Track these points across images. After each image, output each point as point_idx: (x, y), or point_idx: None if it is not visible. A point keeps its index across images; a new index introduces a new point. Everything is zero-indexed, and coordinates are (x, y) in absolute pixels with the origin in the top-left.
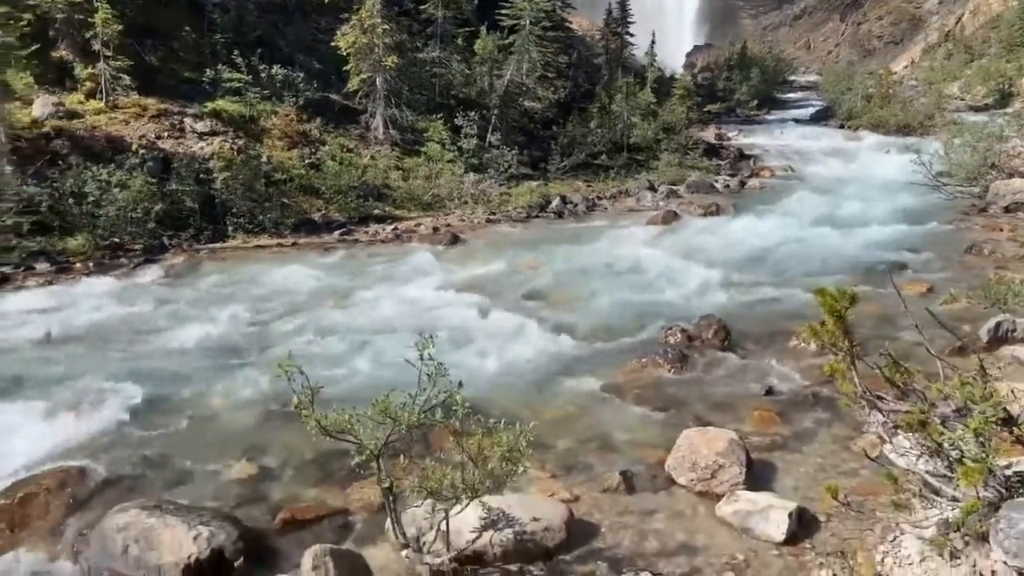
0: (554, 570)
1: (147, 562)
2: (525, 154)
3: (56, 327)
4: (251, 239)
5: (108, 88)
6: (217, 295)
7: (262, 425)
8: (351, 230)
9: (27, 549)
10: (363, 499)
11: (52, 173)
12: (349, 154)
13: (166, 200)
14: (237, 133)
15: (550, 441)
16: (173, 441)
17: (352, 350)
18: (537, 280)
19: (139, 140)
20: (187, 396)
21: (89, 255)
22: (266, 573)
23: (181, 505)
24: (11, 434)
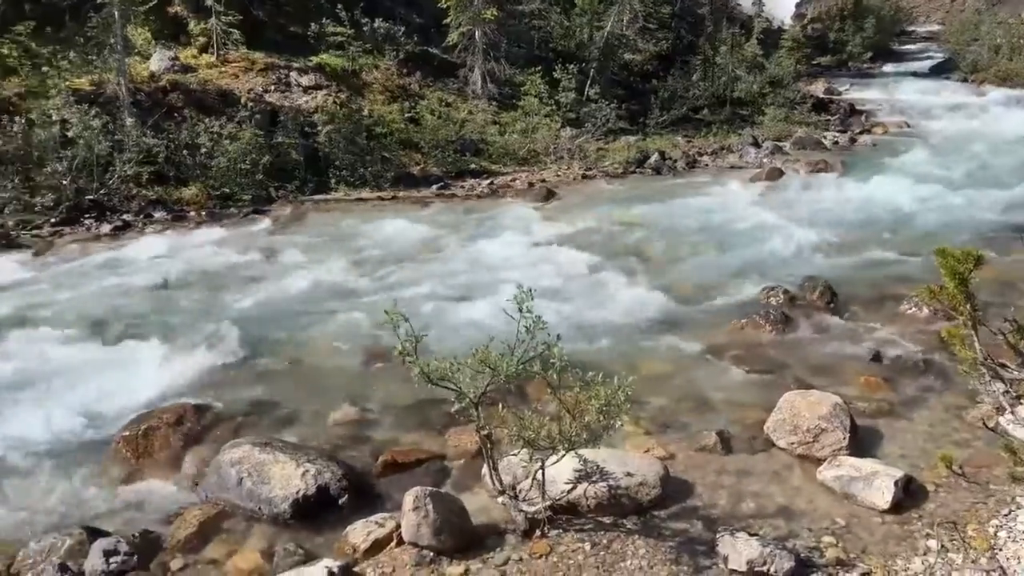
0: (648, 525)
1: (259, 495)
2: (623, 108)
3: (173, 273)
4: (352, 192)
5: (219, 43)
6: (320, 245)
7: (363, 371)
8: (448, 184)
9: (151, 477)
10: (459, 446)
11: (168, 125)
12: (447, 108)
13: (273, 152)
14: (340, 87)
15: (645, 398)
16: (280, 383)
17: (448, 302)
18: (634, 236)
19: (248, 94)
20: (293, 341)
21: (202, 205)
22: (368, 511)
23: (289, 443)
24: (135, 372)
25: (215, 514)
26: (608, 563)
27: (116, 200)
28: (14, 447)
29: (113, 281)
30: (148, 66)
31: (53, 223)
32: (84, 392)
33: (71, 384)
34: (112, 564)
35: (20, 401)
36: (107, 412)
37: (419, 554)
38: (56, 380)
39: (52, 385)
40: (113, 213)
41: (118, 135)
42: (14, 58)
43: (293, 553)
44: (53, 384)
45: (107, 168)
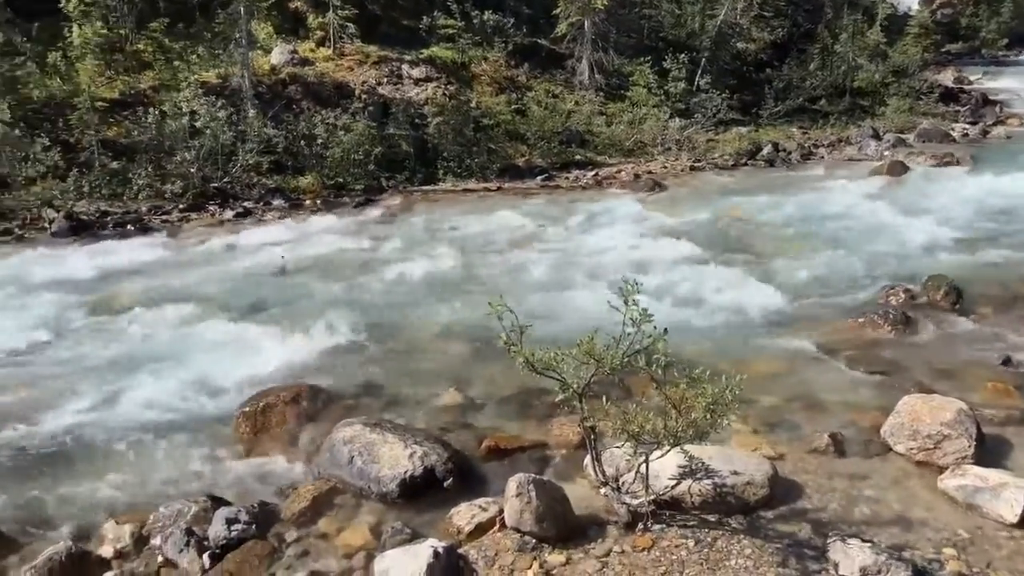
0: (754, 525)
1: (368, 473)
2: (735, 98)
3: (290, 258)
4: (459, 183)
5: (335, 36)
6: (428, 235)
7: (468, 358)
8: (552, 176)
9: (268, 451)
10: (561, 436)
11: (287, 117)
12: (554, 100)
13: (384, 143)
14: (449, 79)
15: (754, 396)
16: (389, 366)
17: (552, 293)
18: (744, 230)
19: (361, 86)
20: (401, 327)
21: (317, 193)
22: (471, 494)
23: (398, 424)
24: (255, 351)
25: (327, 490)
26: (712, 561)
27: (238, 188)
28: (145, 418)
29: (235, 265)
30: (269, 59)
31: (181, 209)
32: (208, 368)
33: (197, 360)
34: (233, 532)
35: (151, 375)
36: (228, 388)
37: (521, 540)
38: (184, 356)
39: (180, 361)
40: (235, 200)
41: (241, 126)
42: (149, 53)
43: (400, 531)
44: (181, 360)
45: (230, 157)
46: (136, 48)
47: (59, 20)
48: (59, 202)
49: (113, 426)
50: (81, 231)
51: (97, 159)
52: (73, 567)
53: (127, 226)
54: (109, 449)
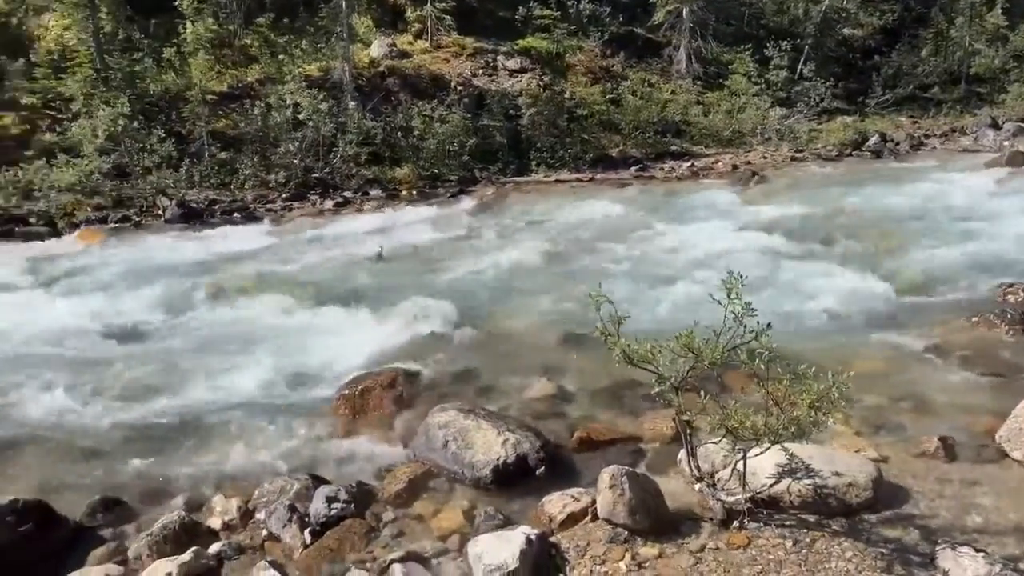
0: (856, 528)
1: (462, 458)
2: (840, 87)
3: (386, 247)
4: (552, 173)
5: (432, 29)
6: (521, 225)
7: (560, 348)
8: (647, 166)
9: (365, 433)
10: (654, 429)
11: (385, 109)
12: (649, 89)
13: (478, 135)
14: (544, 70)
15: (857, 396)
16: (482, 355)
17: (645, 284)
18: (849, 223)
19: (457, 78)
20: (494, 315)
21: (413, 184)
22: (563, 484)
23: (491, 412)
24: (353, 336)
25: (422, 473)
26: (811, 563)
27: (338, 178)
28: (250, 397)
29: (335, 252)
30: (369, 53)
31: (284, 198)
32: (309, 351)
33: (299, 344)
34: (333, 509)
35: (256, 356)
36: (328, 371)
37: (613, 531)
38: (286, 339)
39: (283, 344)
40: (335, 190)
41: (341, 118)
42: (255, 48)
43: (493, 517)
44: (284, 343)
45: (331, 149)
46: (243, 43)
47: (174, 17)
48: (172, 191)
49: (221, 404)
50: (192, 218)
51: (207, 150)
52: (185, 535)
53: (234, 214)
54: (217, 426)
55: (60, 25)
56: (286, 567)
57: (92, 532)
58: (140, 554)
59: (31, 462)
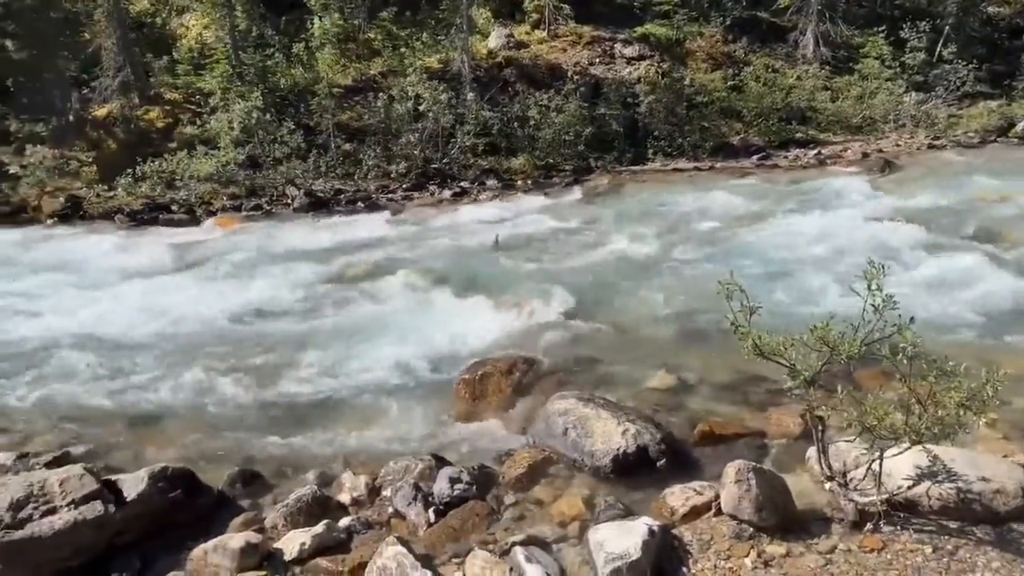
0: (1004, 538)
1: (582, 446)
2: (984, 69)
3: (503, 236)
4: (669, 162)
5: (550, 18)
6: (637, 215)
7: (679, 339)
8: (769, 154)
9: (485, 418)
10: (780, 425)
11: (502, 99)
12: (773, 74)
13: (594, 124)
14: (662, 57)
15: (1004, 397)
16: (599, 343)
17: (768, 276)
18: (992, 215)
19: (573, 67)
20: (611, 304)
21: (528, 174)
22: (684, 477)
23: (610, 401)
24: (471, 322)
25: (541, 459)
26: (953, 571)
27: (455, 169)
28: (376, 378)
29: (453, 241)
30: (487, 44)
31: (404, 188)
32: (430, 336)
33: (420, 328)
34: (456, 490)
35: (380, 339)
36: (448, 355)
37: (738, 527)
38: (408, 324)
39: (405, 328)
40: (452, 180)
41: (460, 109)
42: (378, 41)
43: (613, 506)
44: (406, 327)
45: (449, 139)
46: (367, 37)
47: (303, 13)
48: (300, 180)
49: (347, 384)
50: (318, 207)
51: (333, 141)
52: (318, 508)
53: (357, 203)
54: (344, 405)
55: (200, 24)
56: (412, 544)
57: (232, 501)
58: (276, 524)
59: (176, 433)
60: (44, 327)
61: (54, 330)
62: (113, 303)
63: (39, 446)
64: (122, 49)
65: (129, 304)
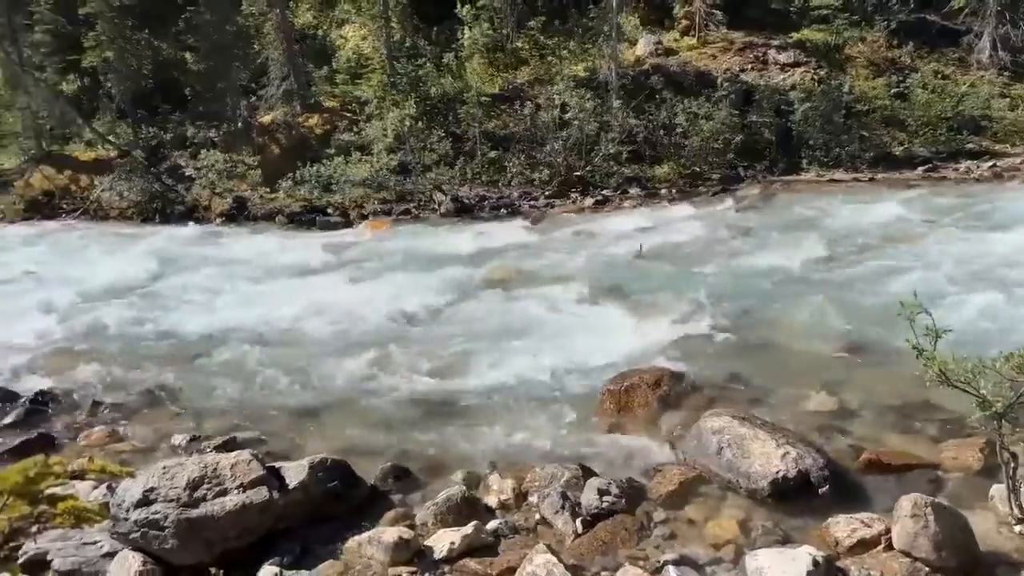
0: None
1: (737, 467)
2: None
3: (646, 245)
4: (825, 172)
5: (701, 24)
6: (789, 226)
7: (839, 360)
8: (937, 166)
9: (631, 431)
10: (958, 459)
11: (648, 107)
12: (943, 81)
13: (744, 132)
14: (819, 63)
15: None
16: (751, 360)
17: (937, 296)
18: None
19: (723, 73)
20: (763, 320)
21: (673, 182)
22: (847, 506)
23: (767, 421)
24: (615, 332)
25: (693, 477)
26: None
27: (598, 176)
28: (520, 383)
29: (594, 249)
30: (634, 51)
31: (547, 195)
32: (573, 344)
33: (563, 335)
34: (604, 502)
35: (524, 345)
36: (591, 365)
37: (912, 565)
38: (551, 331)
39: (548, 335)
40: (595, 188)
41: (605, 116)
42: (526, 50)
43: (771, 531)
44: (549, 334)
45: (593, 147)
46: (515, 46)
47: (454, 24)
48: (447, 186)
49: (493, 387)
50: (463, 212)
51: (479, 148)
52: (466, 509)
53: (500, 209)
54: (490, 407)
55: (357, 35)
56: (560, 553)
57: (384, 495)
58: (426, 521)
59: (333, 425)
60: (215, 319)
61: (223, 322)
62: (276, 299)
63: (209, 430)
64: (287, 60)
65: (290, 301)
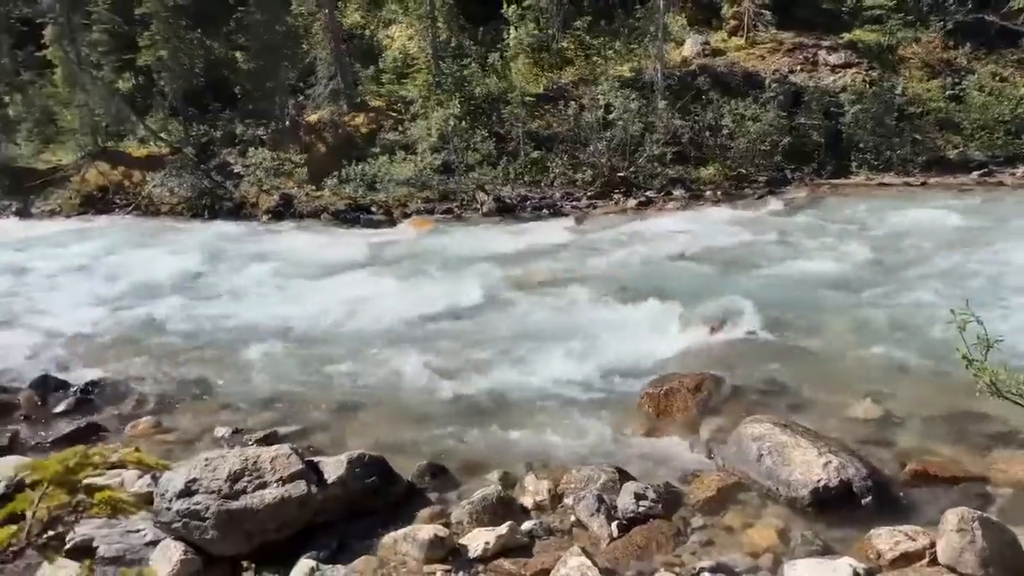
0: None
1: (778, 475)
2: None
3: (689, 247)
4: (875, 176)
5: (749, 24)
6: (837, 231)
7: (885, 368)
8: (993, 171)
9: (669, 435)
10: (1008, 473)
11: (694, 107)
12: (1001, 84)
13: (792, 133)
14: (871, 64)
15: None
16: (794, 366)
17: (989, 305)
18: None
19: (772, 74)
20: (806, 326)
21: (717, 184)
22: (890, 518)
23: (808, 429)
24: (656, 334)
25: (732, 483)
26: None
27: (641, 177)
28: (557, 384)
29: (635, 250)
30: (681, 51)
31: (589, 196)
32: (611, 346)
33: (601, 337)
34: (640, 506)
35: (562, 346)
36: (630, 367)
37: None
38: (589, 332)
39: (587, 337)
40: (638, 189)
41: (650, 117)
42: (571, 50)
43: (811, 542)
44: (587, 336)
45: (637, 148)
46: (560, 46)
47: (499, 24)
48: (489, 186)
49: (530, 387)
50: (505, 212)
51: (522, 148)
52: (501, 509)
53: (542, 210)
54: (528, 407)
55: (404, 35)
56: (595, 556)
57: (421, 493)
58: (461, 520)
59: (371, 421)
60: (260, 314)
61: (268, 317)
62: (321, 296)
63: (251, 424)
64: (335, 59)
65: (334, 297)
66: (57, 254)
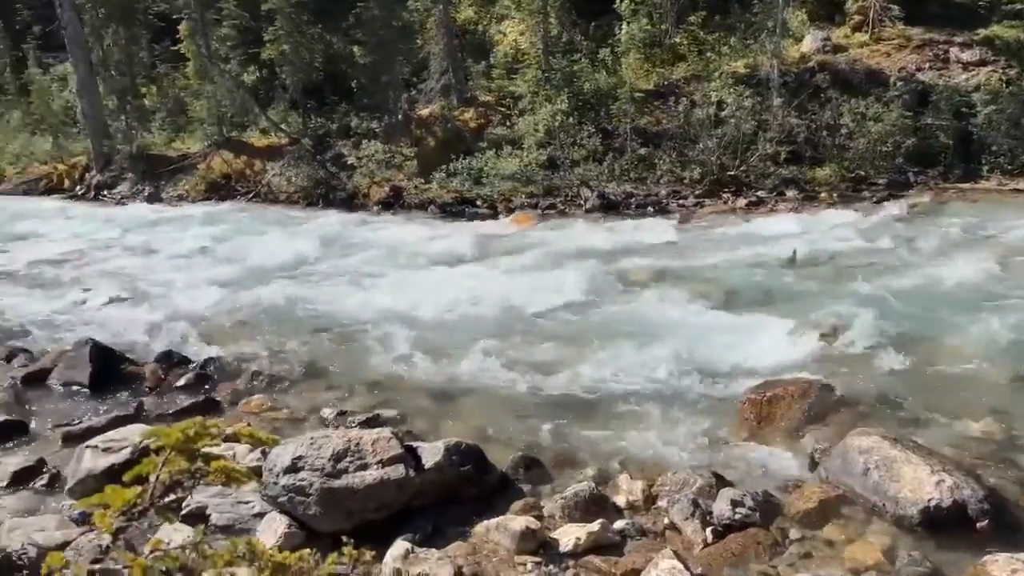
0: None
1: (885, 490)
2: None
3: (801, 250)
4: (1008, 181)
5: (875, 20)
6: (963, 239)
7: (1009, 386)
8: None
9: (770, 443)
10: None
11: (812, 106)
12: None
13: (917, 134)
14: (1009, 62)
15: None
16: (909, 380)
17: None
18: None
19: (897, 72)
20: (924, 338)
21: (834, 186)
22: (1009, 544)
23: (921, 445)
24: (758, 339)
25: (835, 496)
26: None
27: (752, 177)
28: (656, 385)
29: (743, 252)
30: (799, 47)
31: (696, 195)
32: (713, 349)
33: (704, 339)
34: (737, 513)
35: (663, 347)
36: (731, 371)
37: None
38: (692, 334)
39: (688, 338)
40: (748, 189)
41: (764, 115)
42: (684, 46)
43: (918, 563)
44: (689, 337)
45: (749, 146)
46: (673, 41)
47: (612, 19)
48: (594, 182)
49: (627, 386)
50: (609, 209)
51: (629, 145)
52: (594, 505)
53: (647, 207)
54: (624, 406)
55: (515, 31)
56: (687, 561)
57: (513, 484)
58: (553, 514)
59: (469, 410)
60: (368, 300)
61: (376, 304)
62: (427, 285)
63: (355, 406)
64: (447, 55)
65: (439, 287)
66: (182, 237)
